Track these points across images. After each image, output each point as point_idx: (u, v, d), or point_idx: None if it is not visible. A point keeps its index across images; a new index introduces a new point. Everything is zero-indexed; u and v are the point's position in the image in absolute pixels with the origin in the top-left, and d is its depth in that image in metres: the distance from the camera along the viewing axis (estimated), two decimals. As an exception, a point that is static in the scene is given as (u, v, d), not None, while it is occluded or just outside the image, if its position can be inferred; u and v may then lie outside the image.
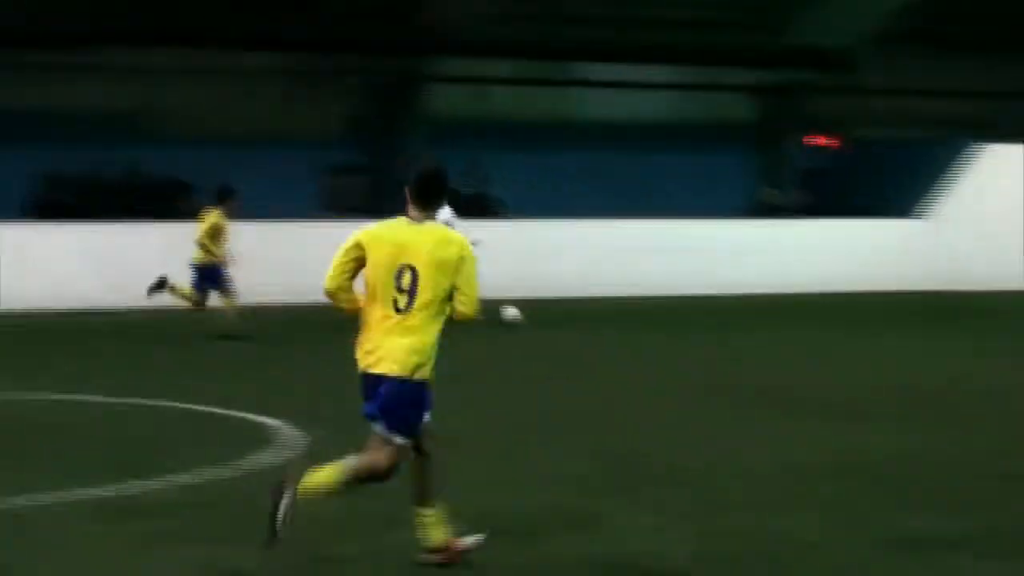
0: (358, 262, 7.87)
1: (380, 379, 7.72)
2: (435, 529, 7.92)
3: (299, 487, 7.65)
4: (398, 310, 7.74)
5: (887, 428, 12.82)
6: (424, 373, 7.74)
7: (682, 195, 29.62)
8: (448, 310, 7.79)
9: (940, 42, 34.49)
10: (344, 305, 8.00)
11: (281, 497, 7.62)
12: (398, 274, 7.74)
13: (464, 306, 7.77)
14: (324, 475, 7.72)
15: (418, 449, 7.86)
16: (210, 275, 19.85)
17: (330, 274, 7.94)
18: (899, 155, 31.97)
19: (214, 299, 20.01)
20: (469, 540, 7.99)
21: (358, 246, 7.87)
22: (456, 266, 7.76)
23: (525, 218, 28.45)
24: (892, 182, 30.96)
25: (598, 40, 31.30)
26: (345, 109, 31.14)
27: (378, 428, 7.74)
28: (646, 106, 33.22)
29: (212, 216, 19.90)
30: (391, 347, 7.70)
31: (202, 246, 19.78)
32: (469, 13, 29.57)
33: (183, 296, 20.04)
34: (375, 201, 29.49)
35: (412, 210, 7.89)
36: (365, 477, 7.78)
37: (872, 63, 33.20)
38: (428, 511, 7.93)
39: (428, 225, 7.87)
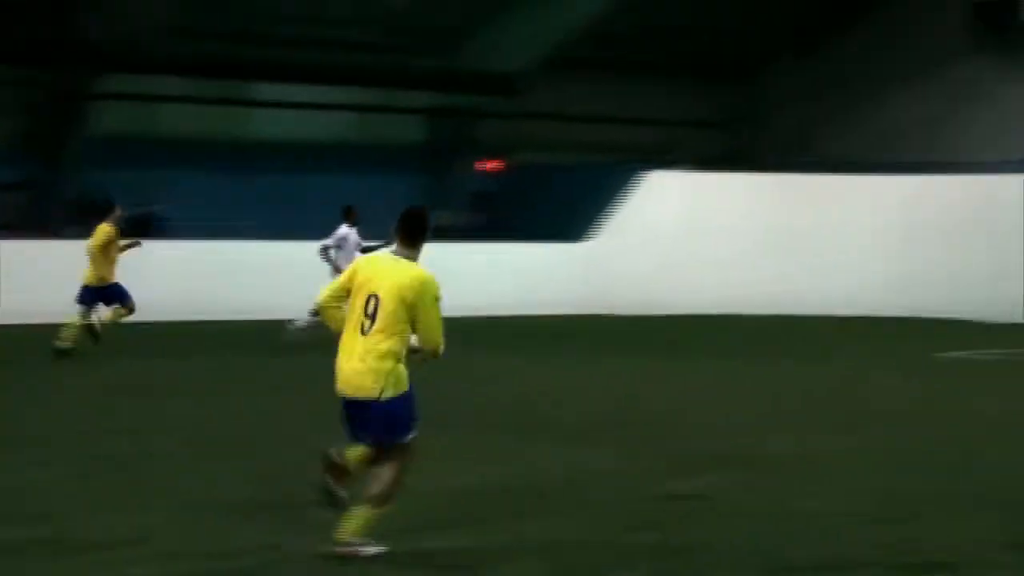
0: (350, 285, 8.80)
1: (358, 404, 8.65)
2: (354, 525, 8.66)
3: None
4: (363, 333, 8.61)
5: (559, 447, 13.11)
6: (388, 394, 8.56)
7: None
8: (406, 340, 8.67)
9: (609, 69, 35.43)
10: (329, 322, 8.93)
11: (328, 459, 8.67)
12: (366, 300, 8.64)
13: (423, 341, 8.70)
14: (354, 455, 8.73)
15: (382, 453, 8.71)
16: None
17: (325, 291, 8.93)
18: (566, 180, 32.70)
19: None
20: (372, 549, 8.68)
21: (352, 271, 8.88)
22: (414, 303, 8.63)
23: (190, 238, 28.07)
24: (559, 206, 31.61)
25: (271, 59, 31.12)
26: (10, 125, 30.15)
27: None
28: (319, 127, 33.15)
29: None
30: (353, 372, 8.62)
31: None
32: (140, 28, 29.01)
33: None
34: (39, 218, 28.69)
35: (398, 246, 8.85)
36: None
37: (541, 88, 33.86)
38: (362, 509, 8.68)
39: (404, 262, 8.77)
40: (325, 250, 22.12)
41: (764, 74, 39.33)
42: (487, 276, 29.02)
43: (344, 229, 22.34)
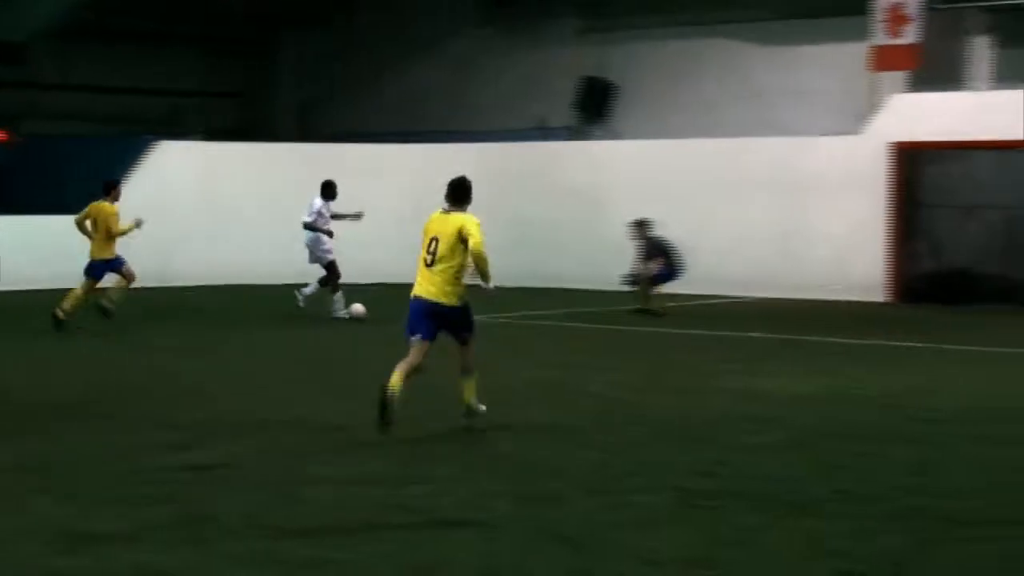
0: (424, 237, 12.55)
1: (429, 304, 12.47)
2: (470, 391, 12.63)
3: (388, 385, 12.06)
4: (426, 263, 12.43)
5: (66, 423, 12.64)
6: (456, 303, 12.50)
7: None
8: (460, 260, 12.38)
9: (120, 39, 34.58)
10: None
11: (384, 393, 12.00)
12: (429, 243, 12.46)
13: (474, 257, 12.36)
14: (395, 376, 12.13)
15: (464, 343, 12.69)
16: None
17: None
18: (74, 151, 31.65)
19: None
20: (483, 407, 12.66)
21: (424, 230, 12.57)
22: (458, 232, 12.35)
23: None
24: (68, 178, 30.56)
25: None
26: None
27: (416, 339, 12.41)
28: None
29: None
30: (427, 292, 12.46)
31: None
32: None
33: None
34: None
35: (448, 204, 12.55)
36: (415, 371, 12.35)
37: (49, 58, 32.72)
38: (468, 379, 12.64)
39: (453, 214, 12.52)
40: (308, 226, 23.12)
41: (278, 44, 39.28)
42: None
43: (318, 202, 23.27)
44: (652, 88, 33.66)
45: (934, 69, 28.98)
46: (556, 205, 31.18)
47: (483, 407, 12.64)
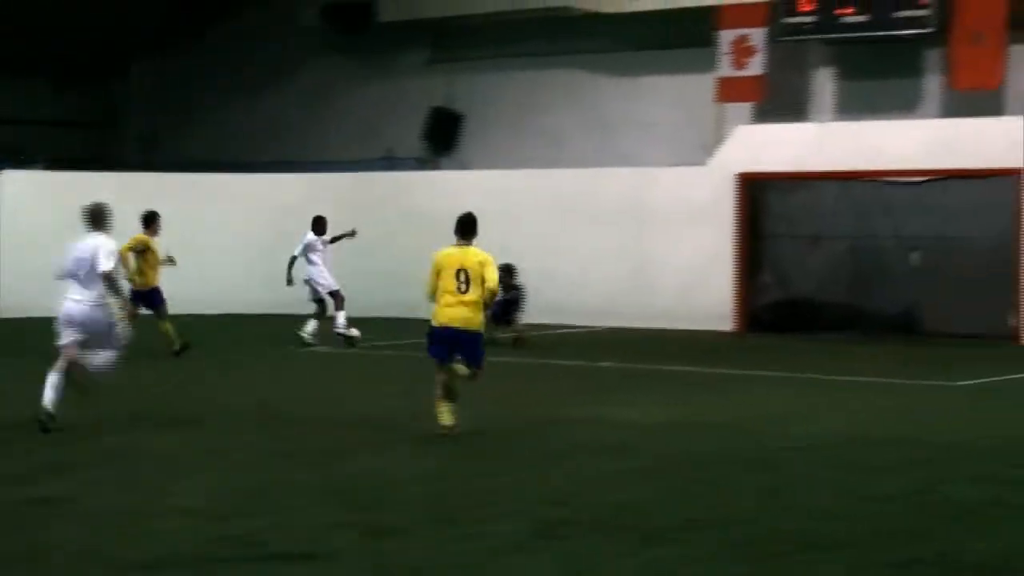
0: (439, 269, 14.06)
1: (455, 332, 14.01)
2: (447, 416, 14.03)
3: (443, 426, 13.99)
4: (460, 292, 13.93)
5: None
6: (480, 329, 14.17)
7: None
8: (481, 290, 13.95)
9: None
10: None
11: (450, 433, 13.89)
12: (456, 273, 13.90)
13: (488, 282, 13.95)
14: (443, 414, 14.06)
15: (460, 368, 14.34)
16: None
17: (427, 289, 14.28)
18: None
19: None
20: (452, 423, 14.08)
21: (437, 264, 14.11)
22: (481, 266, 13.97)
23: None
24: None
25: None
26: None
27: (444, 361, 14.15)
28: None
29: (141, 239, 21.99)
30: (459, 315, 13.98)
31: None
32: None
33: None
34: None
35: (459, 239, 14.18)
36: (448, 392, 14.20)
37: None
38: (448, 404, 14.07)
39: (470, 248, 14.15)
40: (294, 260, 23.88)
41: (127, 73, 38.81)
42: None
43: (310, 236, 24.11)
44: (501, 118, 33.73)
45: (778, 101, 29.43)
46: (405, 234, 31.08)
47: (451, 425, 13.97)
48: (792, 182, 28.36)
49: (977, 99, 27.52)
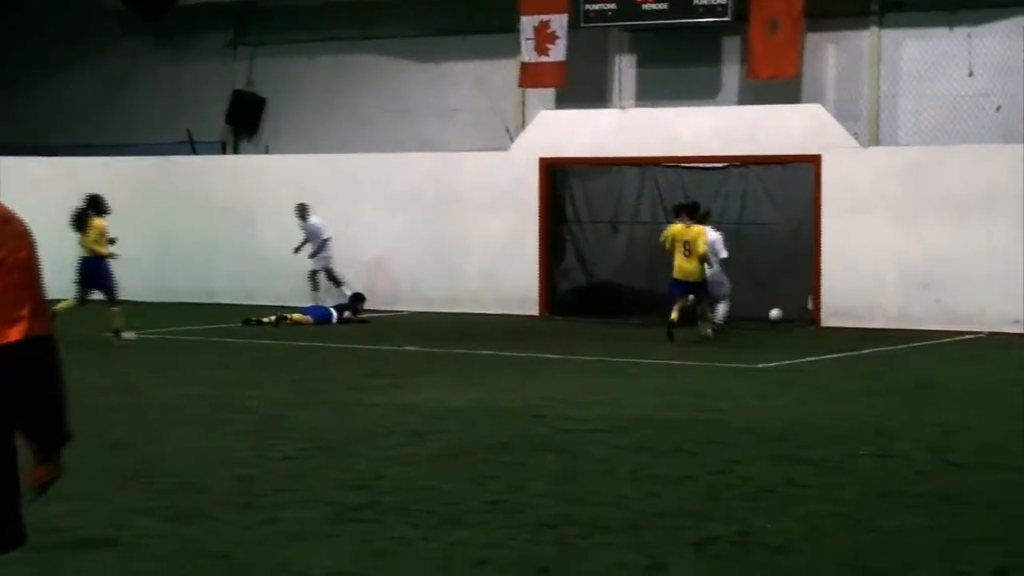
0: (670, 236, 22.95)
1: (688, 284, 22.79)
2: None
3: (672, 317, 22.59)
4: (686, 255, 22.48)
5: None
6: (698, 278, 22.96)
7: None
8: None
9: None
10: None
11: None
12: (684, 244, 22.53)
13: (699, 250, 22.58)
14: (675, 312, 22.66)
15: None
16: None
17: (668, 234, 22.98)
18: None
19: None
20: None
21: (671, 234, 22.89)
22: (699, 239, 22.50)
23: None
24: None
25: None
26: None
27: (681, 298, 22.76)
28: None
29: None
30: (685, 271, 22.65)
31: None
32: None
33: None
34: None
35: (685, 219, 22.84)
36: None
37: None
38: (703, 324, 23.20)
39: (692, 225, 22.77)
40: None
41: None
42: None
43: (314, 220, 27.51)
44: (304, 103, 33.47)
45: (580, 87, 29.66)
46: (206, 220, 30.70)
47: None
48: (593, 167, 28.63)
49: (775, 88, 28.02)
